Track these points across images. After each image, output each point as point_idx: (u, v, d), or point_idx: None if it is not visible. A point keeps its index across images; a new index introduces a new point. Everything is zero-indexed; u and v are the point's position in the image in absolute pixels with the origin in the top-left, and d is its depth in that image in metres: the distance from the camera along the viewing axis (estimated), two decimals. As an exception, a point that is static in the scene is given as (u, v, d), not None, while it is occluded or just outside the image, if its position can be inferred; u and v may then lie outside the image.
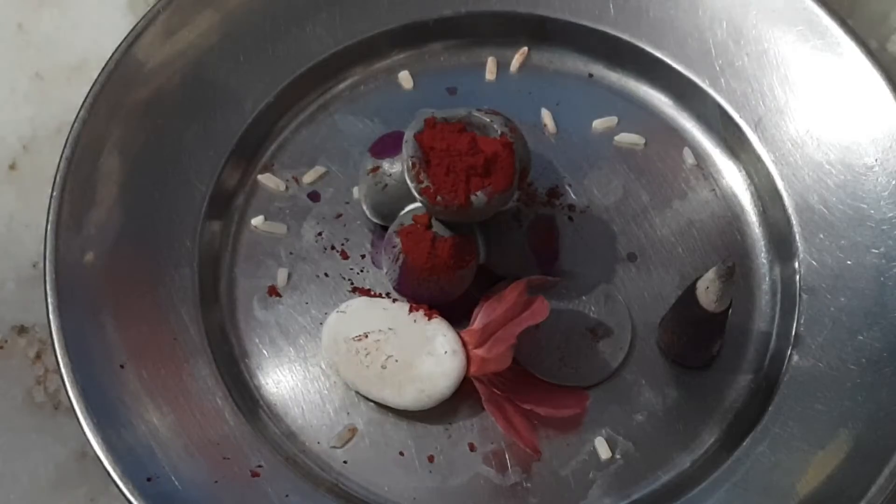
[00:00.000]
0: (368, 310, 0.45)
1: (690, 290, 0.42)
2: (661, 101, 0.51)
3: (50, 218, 0.44)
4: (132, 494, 0.40)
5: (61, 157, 0.45)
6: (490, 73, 0.52)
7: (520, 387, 0.44)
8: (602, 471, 0.44)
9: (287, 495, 0.42)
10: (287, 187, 0.50)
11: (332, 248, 0.48)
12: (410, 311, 0.45)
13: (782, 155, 0.48)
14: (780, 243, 0.48)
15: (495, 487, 0.44)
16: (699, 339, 0.45)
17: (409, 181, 0.42)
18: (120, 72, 0.47)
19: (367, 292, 0.47)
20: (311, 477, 0.44)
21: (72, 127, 0.46)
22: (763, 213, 0.49)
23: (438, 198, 0.41)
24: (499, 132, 0.43)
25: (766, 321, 0.47)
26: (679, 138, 0.51)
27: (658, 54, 0.50)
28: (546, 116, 0.51)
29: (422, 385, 0.43)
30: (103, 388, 0.42)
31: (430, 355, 0.43)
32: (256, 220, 0.49)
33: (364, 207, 0.48)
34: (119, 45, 0.47)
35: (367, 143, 0.48)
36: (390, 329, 0.44)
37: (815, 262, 0.46)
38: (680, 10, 0.50)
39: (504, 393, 0.44)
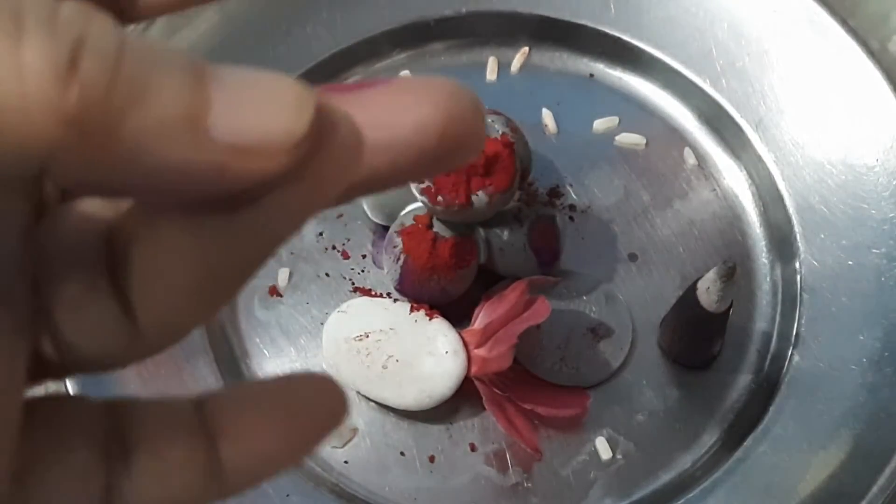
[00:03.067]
0: (369, 310, 0.45)
1: (691, 290, 0.42)
2: (662, 101, 0.51)
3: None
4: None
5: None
6: (491, 72, 0.52)
7: (521, 387, 0.44)
8: (603, 471, 0.44)
9: (288, 495, 0.42)
10: (288, 187, 0.49)
11: (333, 247, 0.48)
12: (411, 311, 0.45)
13: (783, 155, 0.48)
14: (781, 243, 0.48)
15: (496, 487, 0.44)
16: (700, 340, 0.45)
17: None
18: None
19: (367, 292, 0.47)
20: (311, 477, 0.44)
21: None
22: (764, 214, 0.49)
23: (439, 198, 0.41)
24: (500, 132, 0.43)
25: (767, 321, 0.47)
26: (680, 138, 0.51)
27: (659, 54, 0.50)
28: (547, 116, 0.51)
29: (423, 385, 0.43)
30: (103, 389, 0.42)
31: (430, 355, 0.43)
32: (257, 220, 0.48)
33: (365, 207, 0.48)
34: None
35: (368, 143, 0.48)
36: (391, 329, 0.44)
37: (816, 263, 0.46)
38: (681, 11, 0.50)
39: (505, 393, 0.44)
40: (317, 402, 0.17)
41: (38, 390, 0.16)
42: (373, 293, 0.47)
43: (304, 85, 0.13)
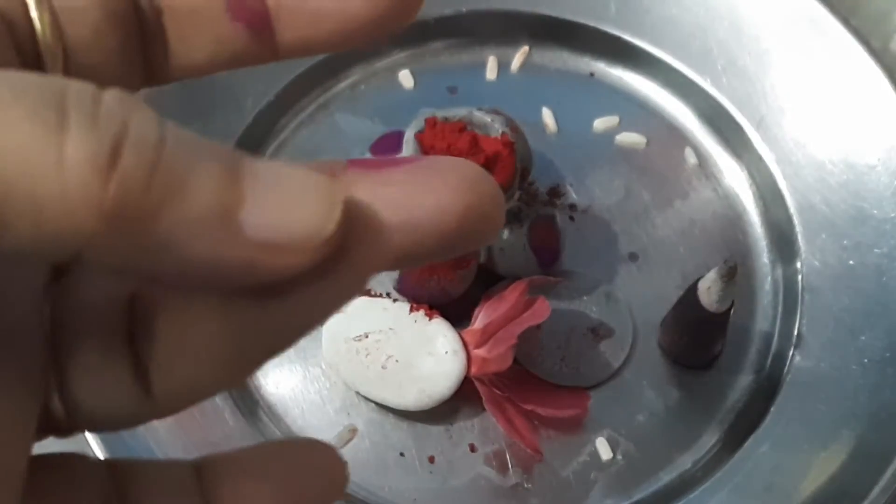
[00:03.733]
0: (369, 310, 0.45)
1: (692, 290, 0.42)
2: (662, 100, 0.51)
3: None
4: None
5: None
6: (491, 72, 0.52)
7: (521, 387, 0.44)
8: (603, 471, 0.44)
9: (287, 496, 0.42)
10: (287, 187, 0.49)
11: (333, 247, 0.48)
12: (411, 311, 0.44)
13: (784, 154, 0.48)
14: (782, 243, 0.48)
15: (496, 488, 0.44)
16: (701, 340, 0.44)
17: (409, 181, 0.42)
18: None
19: (367, 292, 0.47)
20: (311, 477, 0.43)
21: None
22: (765, 213, 0.49)
23: (439, 197, 0.41)
24: (500, 131, 0.43)
25: (768, 321, 0.47)
26: (681, 138, 0.50)
27: (659, 53, 0.50)
28: (547, 116, 0.51)
29: (422, 385, 0.43)
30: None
31: (430, 355, 0.43)
32: (256, 220, 0.48)
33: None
34: (118, 44, 0.47)
35: (368, 142, 0.48)
36: (391, 329, 0.44)
37: (817, 262, 0.46)
38: (682, 9, 0.50)
39: (505, 393, 0.44)
40: (316, 470, 0.17)
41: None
42: (372, 293, 0.47)
43: (334, 183, 0.14)
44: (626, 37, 0.51)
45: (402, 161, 0.15)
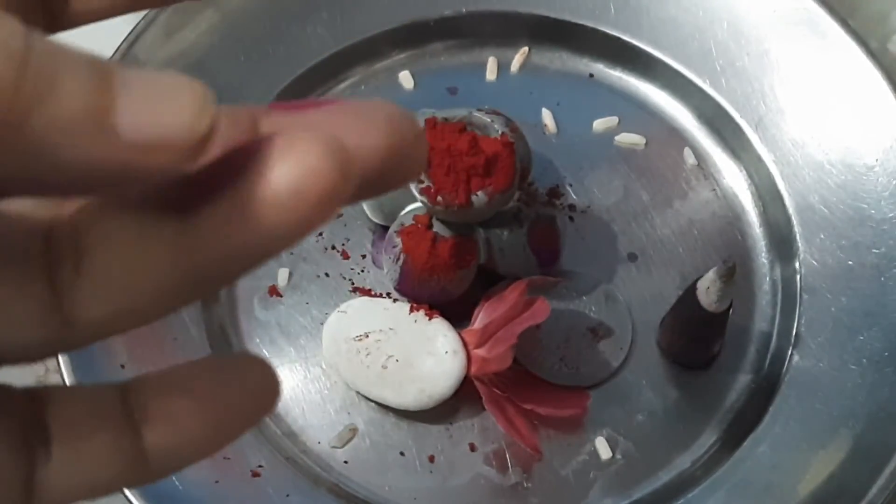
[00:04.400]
0: (369, 310, 0.45)
1: (691, 290, 0.42)
2: (661, 101, 0.51)
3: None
4: (133, 494, 0.40)
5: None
6: (491, 72, 0.52)
7: (520, 387, 0.44)
8: (603, 471, 0.44)
9: (288, 495, 0.42)
10: (287, 187, 0.49)
11: (333, 247, 0.48)
12: (411, 311, 0.45)
13: (783, 155, 0.48)
14: (780, 243, 0.48)
15: (496, 487, 0.44)
16: (700, 340, 0.45)
17: (409, 181, 0.42)
18: (120, 72, 0.47)
19: (367, 292, 0.47)
20: (311, 477, 0.44)
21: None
22: (764, 213, 0.49)
23: (439, 198, 0.41)
24: (499, 132, 0.43)
25: (767, 321, 0.47)
26: (680, 138, 0.51)
27: (658, 54, 0.50)
28: (547, 116, 0.51)
29: (422, 385, 0.43)
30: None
31: (430, 355, 0.43)
32: (257, 220, 0.48)
33: (365, 207, 0.48)
34: (119, 45, 0.47)
35: (368, 142, 0.48)
36: (391, 329, 0.44)
37: (815, 262, 0.46)
38: (681, 10, 0.50)
39: (505, 393, 0.44)
40: (246, 385, 0.17)
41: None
42: (373, 293, 0.47)
43: (206, 87, 0.14)
44: (626, 38, 0.51)
45: (325, 103, 0.15)
